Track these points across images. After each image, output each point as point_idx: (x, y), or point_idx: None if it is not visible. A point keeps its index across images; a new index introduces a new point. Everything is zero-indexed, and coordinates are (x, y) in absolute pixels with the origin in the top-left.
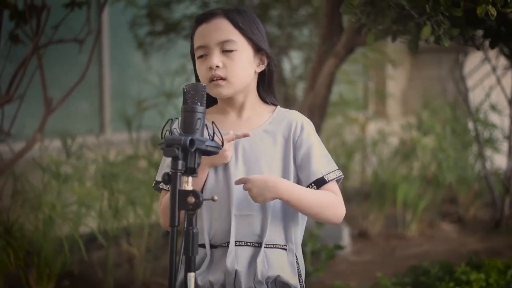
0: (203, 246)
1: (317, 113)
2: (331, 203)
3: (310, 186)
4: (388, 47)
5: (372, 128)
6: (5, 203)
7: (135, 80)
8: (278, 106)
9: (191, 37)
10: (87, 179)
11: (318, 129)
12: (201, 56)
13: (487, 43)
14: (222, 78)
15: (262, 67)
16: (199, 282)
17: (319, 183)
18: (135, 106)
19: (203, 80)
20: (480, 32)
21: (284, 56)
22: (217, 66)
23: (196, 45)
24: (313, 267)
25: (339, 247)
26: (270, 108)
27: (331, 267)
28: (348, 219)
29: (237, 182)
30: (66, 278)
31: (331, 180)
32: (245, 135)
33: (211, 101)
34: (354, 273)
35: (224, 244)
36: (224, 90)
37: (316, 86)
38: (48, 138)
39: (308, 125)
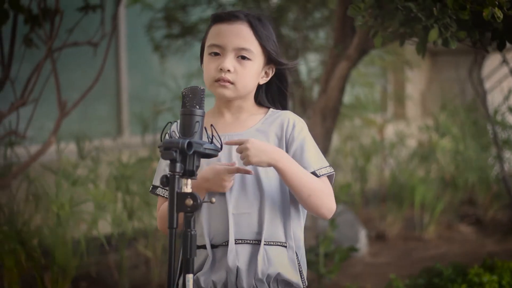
0: (204, 247)
1: (330, 115)
2: (324, 191)
3: None
4: (406, 49)
5: (391, 130)
6: (19, 205)
7: (152, 83)
8: (271, 108)
9: (206, 29)
10: (101, 181)
11: (331, 131)
12: (213, 54)
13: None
14: (230, 82)
15: (265, 80)
16: (202, 283)
17: None
18: (152, 109)
19: (209, 78)
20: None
21: (301, 58)
22: (229, 70)
23: (211, 41)
24: (326, 268)
25: (353, 249)
26: (263, 109)
27: (347, 269)
28: (365, 221)
29: (234, 142)
30: (83, 280)
31: (322, 175)
32: (247, 172)
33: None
34: (370, 275)
35: (224, 243)
36: (228, 93)
37: (328, 89)
38: (64, 141)
39: (299, 122)
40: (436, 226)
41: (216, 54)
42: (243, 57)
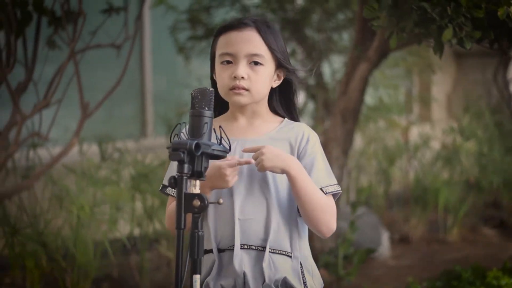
0: (211, 251)
1: (350, 117)
2: (327, 209)
3: None
4: (430, 51)
5: (415, 132)
6: (41, 206)
7: (176, 85)
8: (286, 118)
9: (213, 40)
10: (123, 182)
11: (351, 133)
12: (225, 62)
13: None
14: (245, 89)
15: (277, 83)
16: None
17: None
18: (176, 111)
19: (224, 86)
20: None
21: (325, 60)
22: (243, 77)
23: (222, 51)
24: (345, 271)
25: (371, 250)
26: (278, 118)
27: (368, 271)
28: (389, 223)
29: (250, 149)
30: (105, 281)
31: (328, 192)
32: (247, 162)
33: (222, 108)
34: (391, 278)
35: (230, 248)
36: (244, 99)
37: (348, 91)
38: (88, 143)
39: (314, 137)
40: (459, 228)
41: (229, 62)
42: (256, 63)
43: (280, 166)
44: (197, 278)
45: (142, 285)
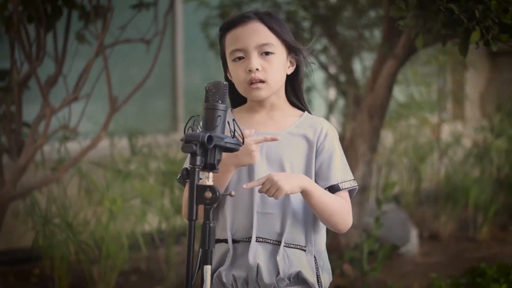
0: (225, 241)
1: (377, 114)
2: (343, 209)
3: None
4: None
5: (447, 130)
6: (71, 199)
7: (208, 80)
8: (306, 112)
9: (220, 40)
10: (152, 177)
11: (378, 130)
12: (237, 59)
13: None
14: (262, 81)
15: (291, 69)
16: (224, 278)
17: (333, 189)
18: None
19: (241, 82)
20: None
21: (356, 57)
22: (257, 69)
23: (231, 48)
24: (370, 266)
25: (395, 247)
26: (297, 112)
27: (396, 268)
28: (419, 221)
29: (252, 185)
30: (133, 274)
31: (344, 188)
32: (274, 139)
33: (241, 99)
34: (418, 275)
35: (245, 239)
36: (263, 93)
37: (376, 87)
38: (118, 137)
39: (332, 132)
40: (489, 227)
41: (241, 58)
42: (267, 53)
43: (298, 185)
44: (208, 268)
45: (169, 278)
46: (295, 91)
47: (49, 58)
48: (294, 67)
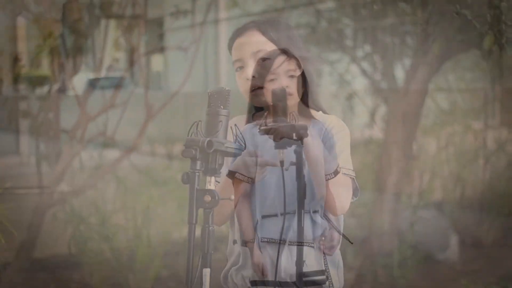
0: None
1: (410, 120)
2: (344, 182)
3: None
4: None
5: (492, 137)
6: (107, 205)
7: None
8: (321, 112)
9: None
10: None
11: (412, 136)
12: (238, 69)
13: None
14: (260, 87)
15: (298, 72)
16: (234, 278)
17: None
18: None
19: (243, 91)
20: None
21: (398, 63)
22: (254, 77)
23: (233, 59)
24: (401, 272)
25: (427, 254)
26: (312, 113)
27: (432, 274)
28: (461, 227)
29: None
30: (171, 280)
31: (343, 173)
32: (274, 165)
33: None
34: (452, 281)
35: (252, 240)
36: (263, 98)
37: (409, 93)
38: (158, 144)
39: (340, 128)
40: None
41: (241, 68)
42: (263, 59)
43: (296, 132)
44: (207, 271)
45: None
46: (306, 92)
47: (86, 66)
48: (301, 69)
